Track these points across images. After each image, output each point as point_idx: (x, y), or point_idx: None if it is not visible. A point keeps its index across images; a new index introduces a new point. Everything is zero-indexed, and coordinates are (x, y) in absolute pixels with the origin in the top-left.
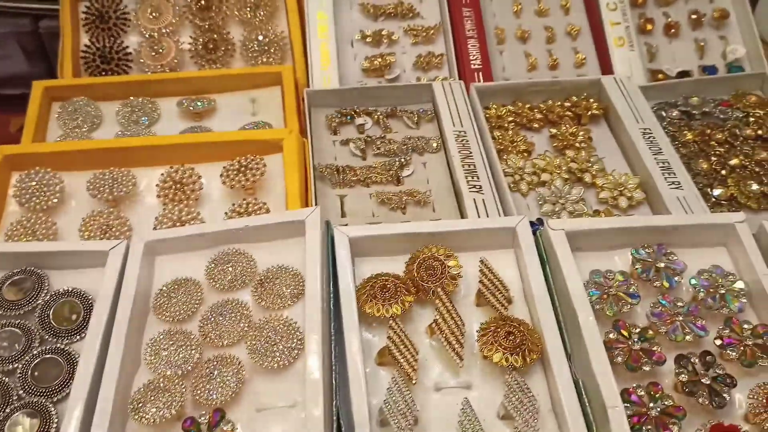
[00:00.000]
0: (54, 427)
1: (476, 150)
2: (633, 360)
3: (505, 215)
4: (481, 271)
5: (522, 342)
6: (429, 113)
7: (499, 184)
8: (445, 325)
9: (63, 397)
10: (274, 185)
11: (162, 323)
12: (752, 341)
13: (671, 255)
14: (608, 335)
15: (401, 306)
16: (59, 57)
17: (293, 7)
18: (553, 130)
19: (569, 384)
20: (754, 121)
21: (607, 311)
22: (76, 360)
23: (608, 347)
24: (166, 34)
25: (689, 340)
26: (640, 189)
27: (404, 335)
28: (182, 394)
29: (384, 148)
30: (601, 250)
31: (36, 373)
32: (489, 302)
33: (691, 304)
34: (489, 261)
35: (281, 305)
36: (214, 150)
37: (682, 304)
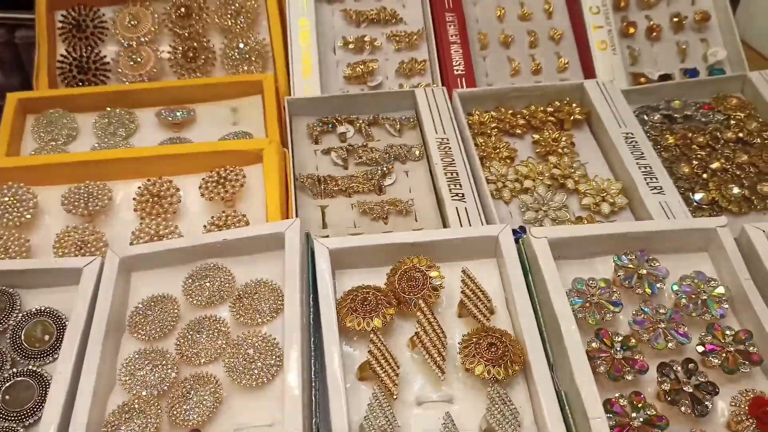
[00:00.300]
0: None
1: (459, 157)
2: (615, 370)
3: (487, 223)
4: (463, 281)
5: (504, 353)
6: (411, 120)
7: (482, 192)
8: (427, 338)
9: (35, 421)
10: (254, 196)
11: (138, 342)
12: (734, 347)
13: (654, 261)
14: (590, 344)
15: (382, 319)
16: (35, 68)
17: (274, 13)
18: (536, 135)
19: (552, 395)
20: (735, 124)
21: (589, 320)
22: (49, 382)
23: (591, 357)
24: (145, 42)
25: (671, 347)
26: (622, 194)
27: (385, 349)
28: (158, 415)
29: (366, 156)
30: (584, 257)
31: (7, 397)
32: (471, 313)
33: (673, 310)
34: (471, 271)
35: (260, 321)
36: (192, 161)
37: (664, 311)
